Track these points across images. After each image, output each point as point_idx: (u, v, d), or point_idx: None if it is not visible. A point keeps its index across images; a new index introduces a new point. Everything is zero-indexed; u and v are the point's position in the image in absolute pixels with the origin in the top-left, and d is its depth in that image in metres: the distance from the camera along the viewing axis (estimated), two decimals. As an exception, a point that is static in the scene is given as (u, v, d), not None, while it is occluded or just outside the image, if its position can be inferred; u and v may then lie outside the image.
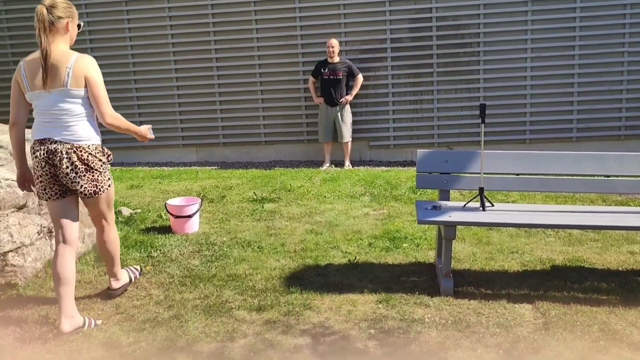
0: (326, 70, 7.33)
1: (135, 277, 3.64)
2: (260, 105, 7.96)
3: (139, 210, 5.20)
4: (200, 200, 4.81)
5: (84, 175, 2.99)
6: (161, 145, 8.14)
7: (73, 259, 3.08)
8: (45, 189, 3.03)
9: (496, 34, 7.45)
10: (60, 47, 2.93)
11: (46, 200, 3.08)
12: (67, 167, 2.94)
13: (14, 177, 3.71)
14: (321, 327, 3.09)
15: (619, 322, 3.09)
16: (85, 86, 2.92)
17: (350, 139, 7.49)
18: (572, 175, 3.83)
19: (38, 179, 3.02)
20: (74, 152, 2.94)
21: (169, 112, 8.08)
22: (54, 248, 3.85)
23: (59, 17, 2.91)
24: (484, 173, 3.69)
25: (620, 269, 3.86)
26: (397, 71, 7.67)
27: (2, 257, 3.53)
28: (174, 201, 4.78)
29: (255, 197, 5.67)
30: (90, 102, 2.97)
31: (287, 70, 7.85)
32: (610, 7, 7.26)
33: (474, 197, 3.68)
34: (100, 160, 3.03)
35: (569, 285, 3.57)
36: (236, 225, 4.87)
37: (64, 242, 3.08)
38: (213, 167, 7.63)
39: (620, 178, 3.77)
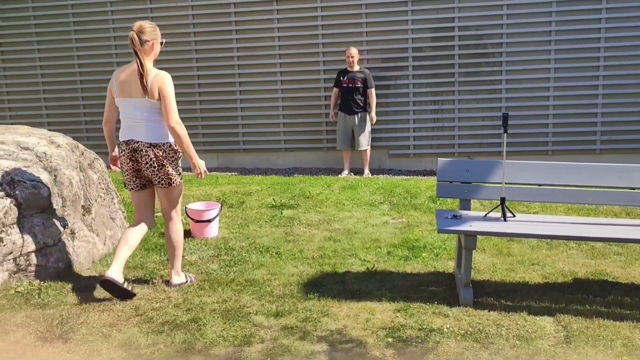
0: (345, 79, 7.35)
1: (191, 281, 3.77)
2: (281, 113, 8.00)
3: (159, 214, 5.25)
4: (220, 205, 4.84)
5: (160, 169, 3.49)
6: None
7: (139, 232, 3.61)
8: (130, 181, 3.60)
9: (519, 44, 7.39)
10: (147, 65, 3.40)
11: (130, 190, 3.65)
12: (147, 162, 3.47)
13: (39, 178, 3.78)
14: (338, 334, 3.08)
15: (643, 338, 3.02)
16: (159, 98, 3.40)
17: (369, 147, 7.48)
18: (597, 187, 3.77)
19: (124, 172, 3.59)
20: (152, 149, 3.45)
21: (190, 118, 8.15)
22: (76, 249, 3.92)
23: (146, 40, 3.41)
24: (505, 183, 3.66)
25: (644, 283, 3.78)
26: (418, 80, 7.66)
27: (25, 257, 3.59)
28: (194, 206, 4.81)
29: (274, 203, 5.68)
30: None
31: (308, 78, 7.88)
32: (635, 18, 7.16)
33: (495, 207, 3.64)
34: (172, 157, 3.52)
35: (592, 299, 3.51)
36: (255, 230, 4.89)
37: (137, 221, 3.66)
38: (233, 173, 7.68)
39: (645, 191, 3.70)
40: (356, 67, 7.34)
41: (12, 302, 3.38)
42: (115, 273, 3.39)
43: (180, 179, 3.64)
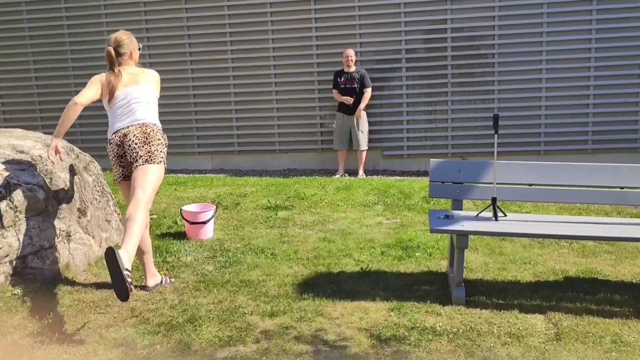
0: (342, 79, 7.40)
1: (165, 282, 3.82)
2: (276, 114, 8.04)
3: (154, 216, 5.28)
4: (215, 207, 4.87)
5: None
6: (177, 152, 8.24)
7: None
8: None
9: (511, 45, 7.46)
10: (129, 70, 3.70)
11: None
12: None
13: (35, 181, 3.80)
14: (333, 334, 3.12)
15: (632, 334, 3.07)
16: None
17: (367, 148, 7.53)
18: (587, 186, 3.82)
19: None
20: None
21: (185, 120, 8.19)
22: (71, 251, 3.94)
23: (124, 53, 3.63)
24: (497, 183, 3.71)
25: (634, 281, 3.84)
26: (411, 81, 7.71)
27: (21, 260, 3.61)
28: (189, 207, 4.84)
29: (269, 204, 5.72)
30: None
31: (303, 79, 7.92)
32: (626, 19, 7.24)
33: (487, 207, 3.69)
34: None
35: (582, 297, 3.56)
36: (250, 232, 4.92)
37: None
38: (228, 175, 7.70)
39: (634, 190, 3.76)
40: (353, 68, 7.40)
41: (8, 304, 3.40)
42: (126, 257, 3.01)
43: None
